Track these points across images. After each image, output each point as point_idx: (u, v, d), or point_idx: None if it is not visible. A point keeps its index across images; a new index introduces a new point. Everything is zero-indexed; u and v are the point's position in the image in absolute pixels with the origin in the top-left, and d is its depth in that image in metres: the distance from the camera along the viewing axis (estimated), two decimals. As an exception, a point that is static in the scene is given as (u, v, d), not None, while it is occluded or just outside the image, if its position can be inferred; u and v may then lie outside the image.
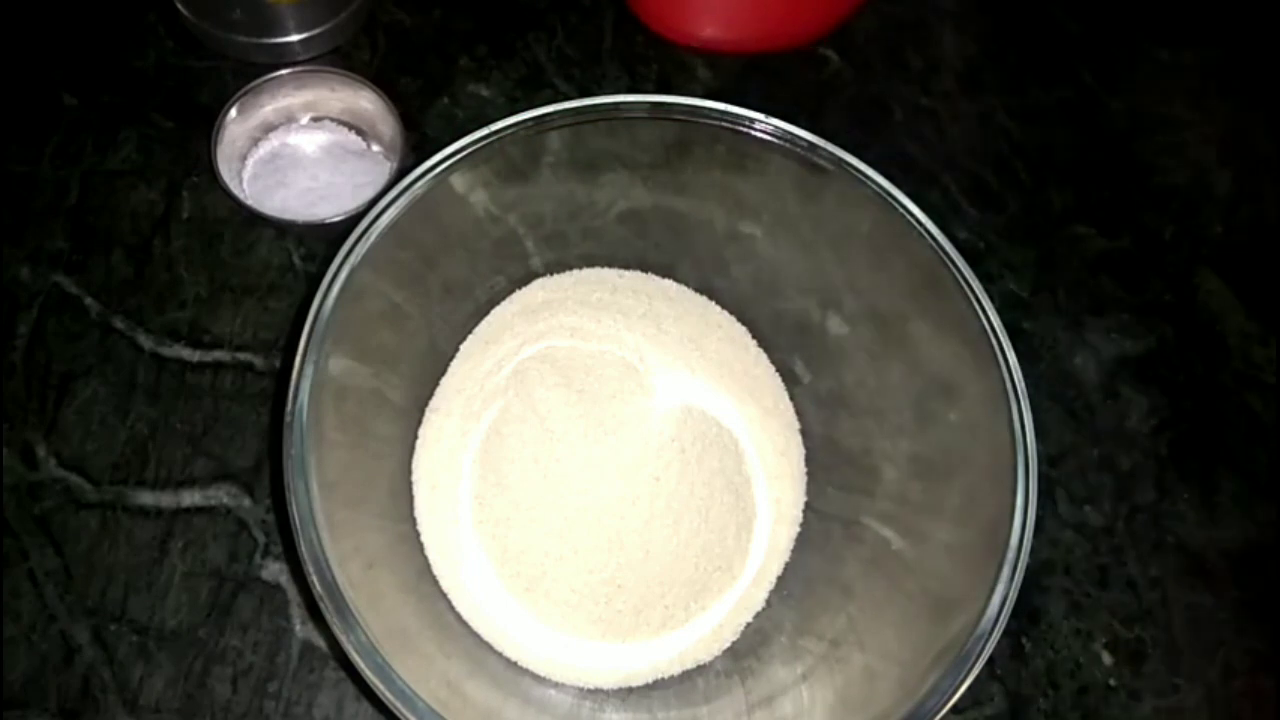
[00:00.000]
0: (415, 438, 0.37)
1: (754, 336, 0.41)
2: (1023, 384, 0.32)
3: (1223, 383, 0.45)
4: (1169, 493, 0.43)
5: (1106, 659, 0.39)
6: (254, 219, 0.43)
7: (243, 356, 0.41)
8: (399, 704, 0.28)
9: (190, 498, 0.39)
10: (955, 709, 0.29)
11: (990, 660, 0.30)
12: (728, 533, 0.36)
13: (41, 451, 0.39)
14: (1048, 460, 0.43)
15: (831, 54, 0.51)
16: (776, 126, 0.35)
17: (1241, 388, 0.45)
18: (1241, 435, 0.44)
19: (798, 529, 0.38)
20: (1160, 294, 0.47)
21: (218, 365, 0.41)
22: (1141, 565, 0.41)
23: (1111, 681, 0.39)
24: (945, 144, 0.49)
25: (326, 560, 0.29)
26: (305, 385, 0.31)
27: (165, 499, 0.39)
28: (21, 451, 0.39)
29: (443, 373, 0.39)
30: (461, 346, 0.39)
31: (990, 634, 0.30)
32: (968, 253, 0.34)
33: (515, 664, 0.34)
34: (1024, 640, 0.39)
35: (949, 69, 0.51)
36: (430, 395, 0.38)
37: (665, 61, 0.49)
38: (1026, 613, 0.40)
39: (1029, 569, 0.38)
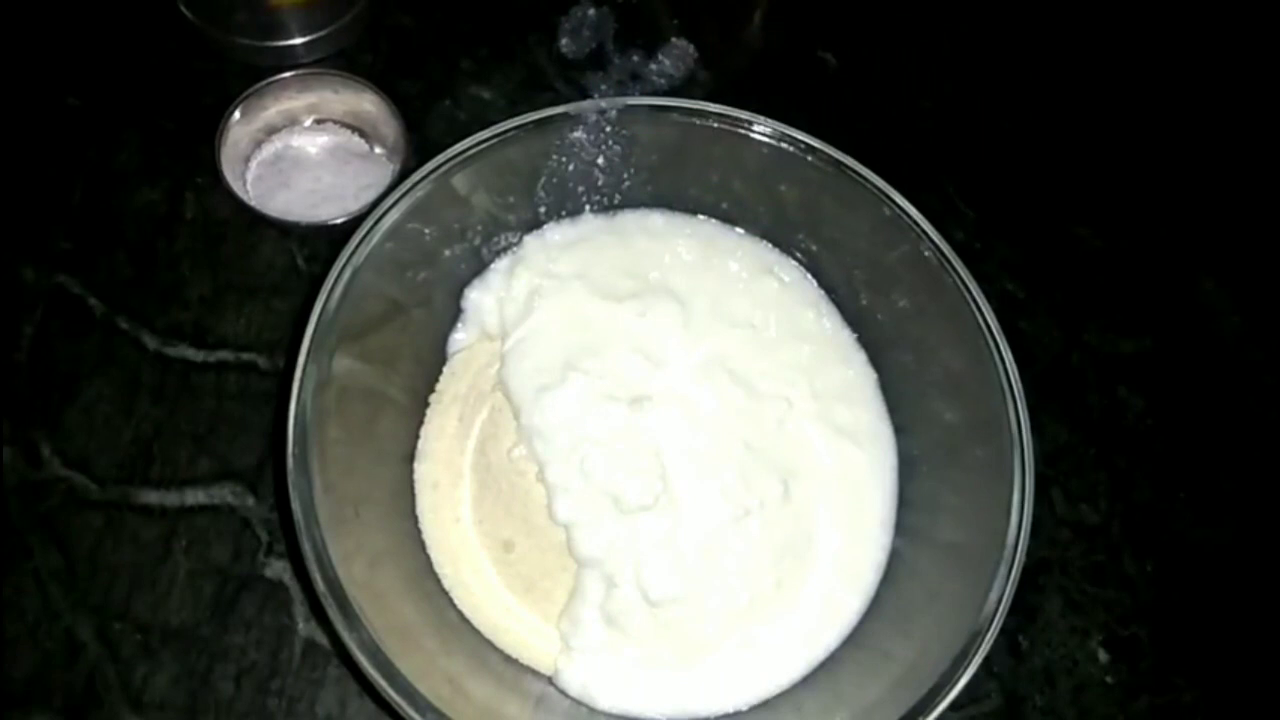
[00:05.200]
0: (417, 437, 0.37)
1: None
2: (1019, 383, 0.32)
3: (1219, 382, 0.46)
4: (1165, 491, 0.43)
5: (1103, 656, 0.40)
6: (257, 220, 0.43)
7: (246, 356, 0.42)
8: (401, 702, 0.28)
9: (194, 497, 0.39)
10: (952, 706, 0.29)
11: (987, 658, 0.30)
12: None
13: (46, 451, 0.40)
14: (1044, 459, 0.43)
15: (830, 57, 0.51)
16: (775, 128, 0.36)
17: (1237, 387, 0.46)
18: (1237, 434, 0.45)
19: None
20: (1157, 294, 0.47)
21: (221, 365, 0.41)
22: (1138, 563, 0.41)
23: (1108, 679, 0.39)
24: (943, 145, 0.49)
25: (329, 559, 0.29)
26: (308, 385, 0.31)
27: (169, 498, 0.39)
28: (26, 451, 0.39)
29: (443, 372, 0.39)
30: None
31: (987, 631, 0.30)
32: (965, 253, 0.34)
33: (516, 661, 0.35)
34: (1020, 638, 0.40)
35: (947, 71, 0.52)
36: (432, 394, 0.38)
37: (669, 66, 0.49)
38: (1023, 610, 0.40)
39: (1025, 567, 0.38)
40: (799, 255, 0.39)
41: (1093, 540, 0.42)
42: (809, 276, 0.39)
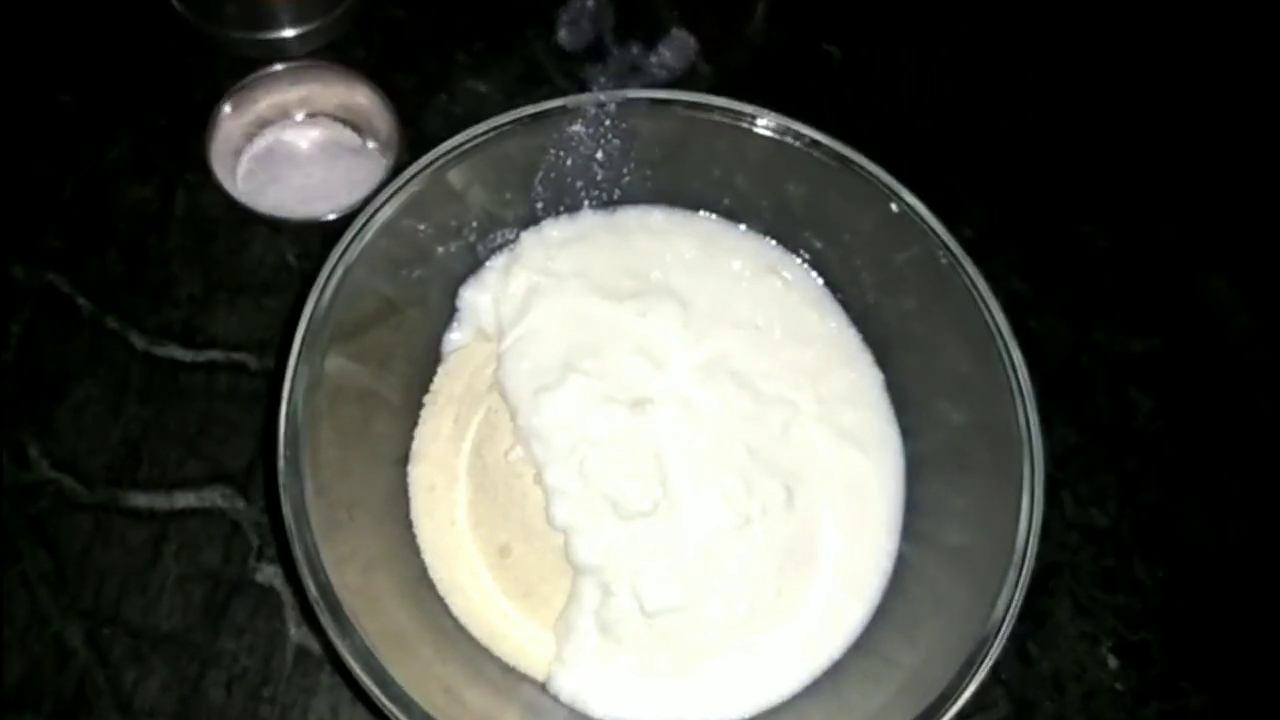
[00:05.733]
0: (412, 438, 0.37)
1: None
2: (1029, 385, 0.31)
3: (1228, 383, 0.45)
4: (1175, 493, 0.42)
5: (1112, 662, 0.39)
6: (248, 217, 0.42)
7: (237, 356, 0.41)
8: (395, 710, 0.28)
9: (184, 499, 0.38)
10: (960, 714, 0.29)
11: (995, 664, 0.29)
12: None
13: (34, 452, 0.39)
14: (1053, 461, 0.42)
15: (835, 50, 0.50)
16: (779, 122, 0.35)
17: (1247, 388, 0.45)
18: (1247, 435, 0.44)
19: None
20: (1166, 293, 0.46)
21: (211, 365, 0.41)
22: (1148, 567, 0.41)
23: (1117, 685, 0.39)
24: (950, 142, 0.49)
25: (321, 564, 0.29)
26: (300, 386, 0.30)
27: (159, 501, 0.38)
28: (14, 452, 0.39)
29: (438, 372, 0.38)
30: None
31: (995, 638, 0.29)
32: (972, 251, 0.33)
33: (514, 669, 0.34)
34: (1029, 644, 0.39)
35: (954, 66, 0.51)
36: (426, 395, 0.38)
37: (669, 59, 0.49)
38: (1032, 616, 0.39)
39: (1034, 571, 0.37)
40: (803, 253, 0.39)
41: (1102, 544, 0.41)
42: (813, 275, 0.38)
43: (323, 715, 0.36)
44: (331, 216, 0.41)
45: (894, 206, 0.34)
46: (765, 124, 0.35)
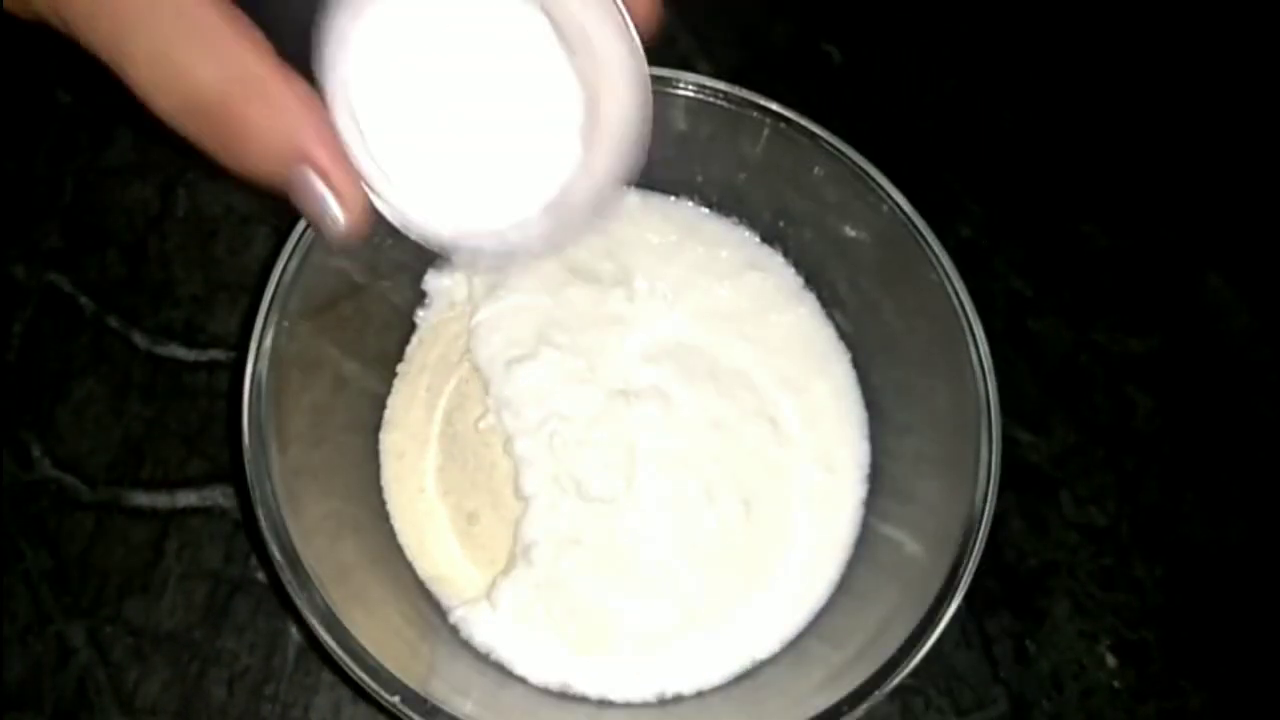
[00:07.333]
0: (385, 407, 0.37)
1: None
2: (987, 353, 0.31)
3: (1227, 382, 0.45)
4: (1174, 493, 0.42)
5: (1111, 661, 0.39)
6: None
7: (239, 356, 0.41)
8: (353, 664, 0.27)
9: (186, 498, 0.39)
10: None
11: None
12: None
13: (36, 451, 0.39)
14: (1053, 460, 0.42)
15: (834, 50, 0.50)
16: (740, 94, 0.35)
17: (1246, 387, 0.45)
18: (1246, 435, 0.44)
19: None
20: (1165, 293, 0.47)
21: (213, 364, 0.41)
22: (1146, 566, 0.41)
23: (1116, 684, 0.39)
24: (950, 141, 0.49)
25: (288, 532, 0.28)
26: (264, 356, 0.29)
27: (160, 500, 0.38)
28: (16, 451, 0.39)
29: (412, 341, 0.38)
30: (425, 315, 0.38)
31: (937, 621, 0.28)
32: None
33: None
34: (1028, 642, 0.39)
35: (953, 66, 0.51)
36: (400, 364, 0.37)
37: (666, 58, 0.49)
38: (1031, 614, 0.39)
39: (1033, 570, 0.37)
40: (779, 245, 0.39)
41: (1101, 543, 0.41)
42: (790, 268, 0.39)
43: (324, 713, 0.36)
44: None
45: (880, 202, 0.34)
46: (727, 98, 0.35)
